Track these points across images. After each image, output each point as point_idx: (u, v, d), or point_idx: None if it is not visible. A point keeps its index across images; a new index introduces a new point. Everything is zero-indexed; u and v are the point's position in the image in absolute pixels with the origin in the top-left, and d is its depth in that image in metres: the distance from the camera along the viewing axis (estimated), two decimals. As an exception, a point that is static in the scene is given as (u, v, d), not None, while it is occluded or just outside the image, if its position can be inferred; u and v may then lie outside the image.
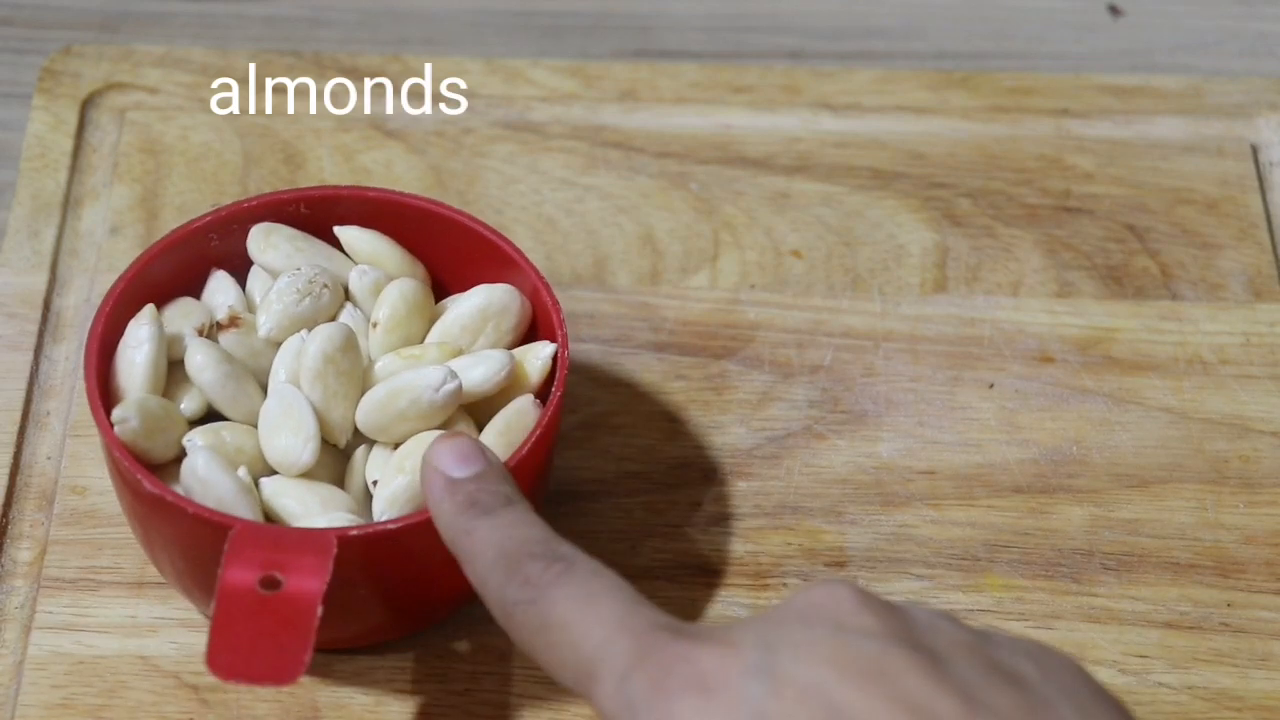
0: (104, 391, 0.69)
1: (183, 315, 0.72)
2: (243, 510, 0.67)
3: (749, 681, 0.55)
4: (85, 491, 0.75)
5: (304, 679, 0.67)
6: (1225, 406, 0.79)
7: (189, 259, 0.73)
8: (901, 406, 0.78)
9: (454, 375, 0.69)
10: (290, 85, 0.87)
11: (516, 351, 0.71)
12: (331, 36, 0.93)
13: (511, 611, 0.60)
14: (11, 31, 0.92)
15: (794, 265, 0.82)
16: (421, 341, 0.72)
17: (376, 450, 0.70)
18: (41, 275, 0.81)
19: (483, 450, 0.65)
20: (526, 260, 0.73)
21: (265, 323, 0.71)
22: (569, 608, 0.59)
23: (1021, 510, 0.76)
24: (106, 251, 0.82)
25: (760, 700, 0.54)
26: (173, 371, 0.71)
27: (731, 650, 0.56)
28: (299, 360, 0.70)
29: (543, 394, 0.71)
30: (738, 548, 0.74)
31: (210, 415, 0.71)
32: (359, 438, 0.70)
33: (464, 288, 0.74)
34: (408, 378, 0.69)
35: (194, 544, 0.66)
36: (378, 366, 0.71)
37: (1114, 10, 0.95)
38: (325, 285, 0.72)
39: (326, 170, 0.85)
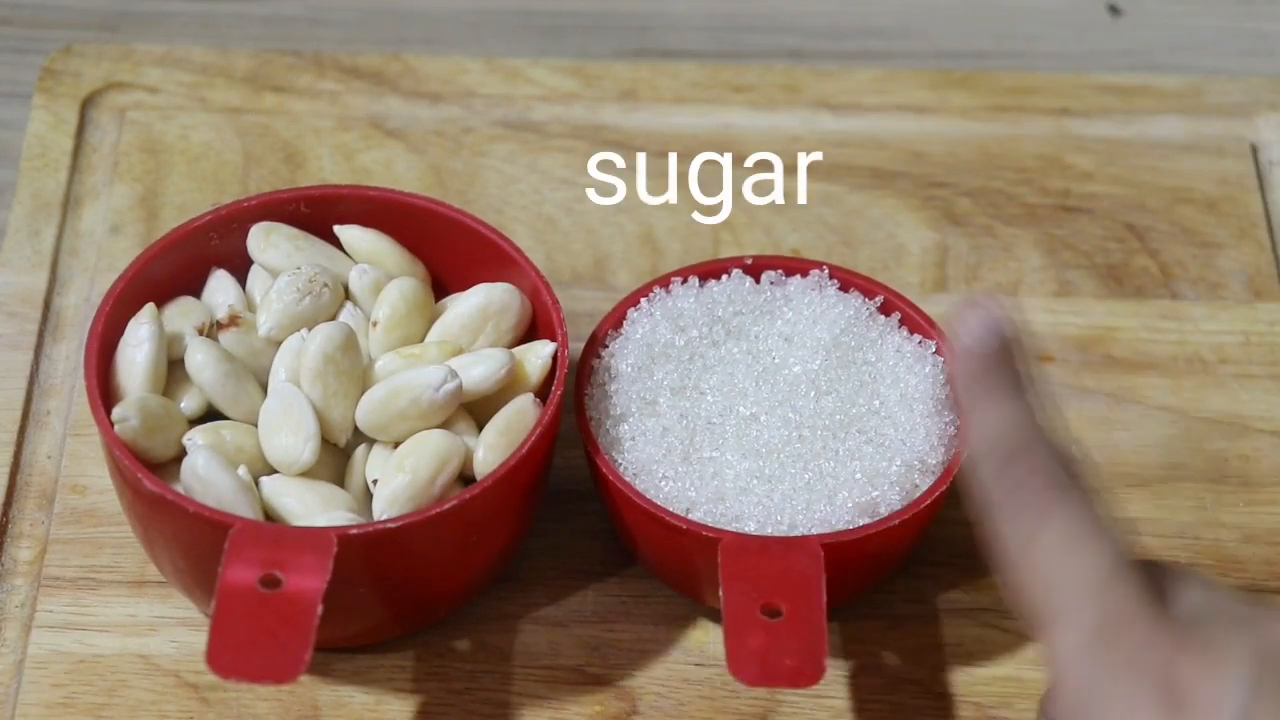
0: (104, 390, 0.69)
1: (183, 314, 0.72)
2: (243, 509, 0.67)
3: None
4: (85, 490, 0.75)
5: (304, 678, 0.67)
6: (1225, 405, 0.79)
7: (189, 258, 0.73)
8: (901, 406, 0.78)
9: (454, 374, 0.69)
10: (290, 85, 0.87)
11: (516, 351, 0.71)
12: (331, 36, 0.93)
13: (993, 507, 0.57)
14: (12, 31, 0.92)
15: (794, 264, 0.82)
16: (422, 340, 0.72)
17: (377, 449, 0.70)
18: (42, 274, 0.81)
19: (1009, 325, 0.59)
20: (526, 259, 0.73)
21: (265, 322, 0.71)
22: (1050, 542, 0.55)
23: (1021, 509, 0.75)
24: (107, 251, 0.82)
25: None
26: (173, 370, 0.71)
27: (1215, 671, 0.52)
28: (299, 359, 0.70)
29: (543, 393, 0.71)
30: (738, 547, 0.74)
31: (210, 414, 0.71)
32: (359, 437, 0.70)
33: (464, 287, 0.74)
34: (408, 377, 0.69)
35: (194, 543, 0.66)
36: (378, 365, 0.71)
37: (1114, 10, 0.95)
38: (325, 284, 0.72)
39: (326, 170, 0.85)
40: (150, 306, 0.71)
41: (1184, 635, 0.53)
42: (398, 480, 0.68)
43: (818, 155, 0.86)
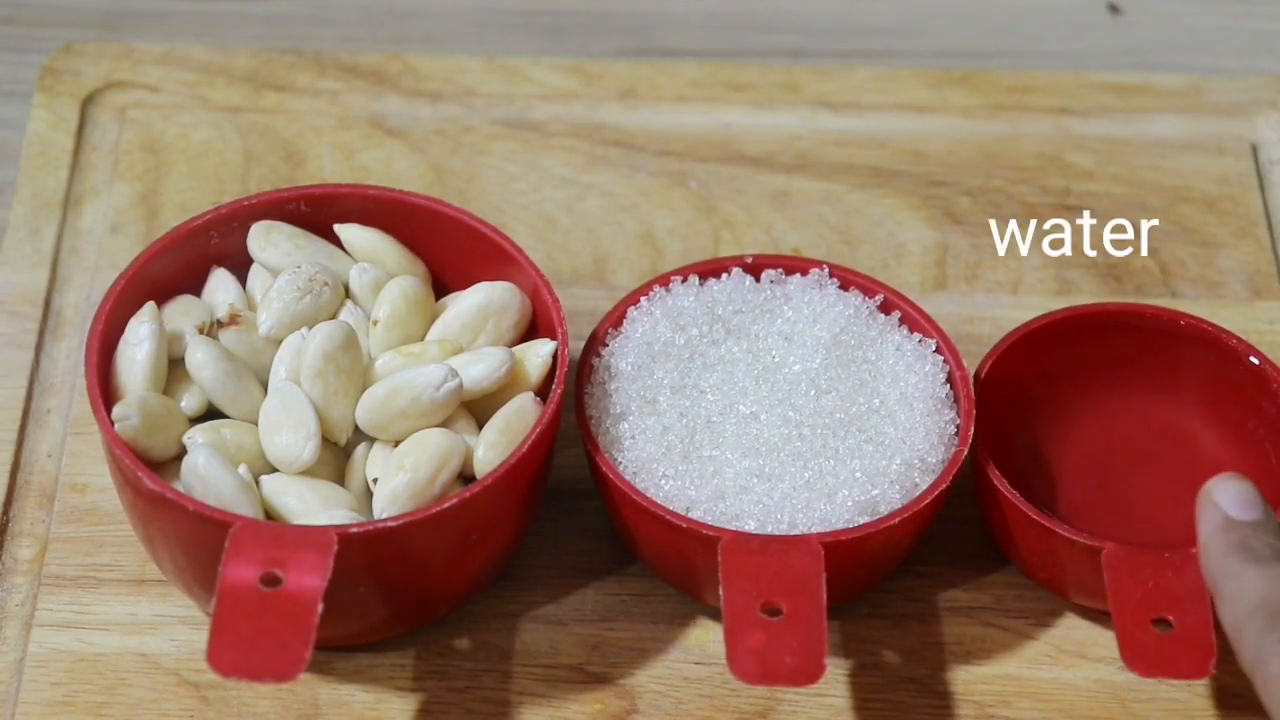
0: (104, 389, 0.69)
1: (183, 313, 0.72)
2: (243, 508, 0.67)
3: None
4: (86, 489, 0.75)
5: (304, 676, 0.67)
6: (1225, 404, 0.79)
7: (190, 257, 0.73)
8: (901, 404, 0.78)
9: (454, 373, 0.69)
10: (290, 84, 0.87)
11: (516, 349, 0.71)
12: (331, 35, 0.93)
13: (1266, 660, 0.62)
14: (12, 30, 0.92)
15: (794, 263, 0.83)
16: (422, 339, 0.72)
17: (377, 448, 0.70)
18: (42, 273, 0.81)
19: (1263, 499, 0.66)
20: (526, 258, 0.73)
21: (266, 320, 0.71)
22: None
23: (1021, 508, 0.76)
24: (107, 249, 0.82)
25: None
26: (173, 369, 0.71)
27: None
28: (299, 358, 0.70)
29: (543, 392, 0.71)
30: (738, 545, 0.74)
31: (211, 413, 0.71)
32: (359, 435, 0.70)
33: (464, 285, 0.74)
34: (408, 376, 0.69)
35: (195, 541, 0.66)
36: (378, 364, 0.71)
37: (1114, 9, 0.95)
38: (326, 283, 0.72)
39: (327, 168, 0.85)
40: (151, 305, 0.71)
41: None
42: (398, 479, 0.68)
43: (818, 154, 0.86)
